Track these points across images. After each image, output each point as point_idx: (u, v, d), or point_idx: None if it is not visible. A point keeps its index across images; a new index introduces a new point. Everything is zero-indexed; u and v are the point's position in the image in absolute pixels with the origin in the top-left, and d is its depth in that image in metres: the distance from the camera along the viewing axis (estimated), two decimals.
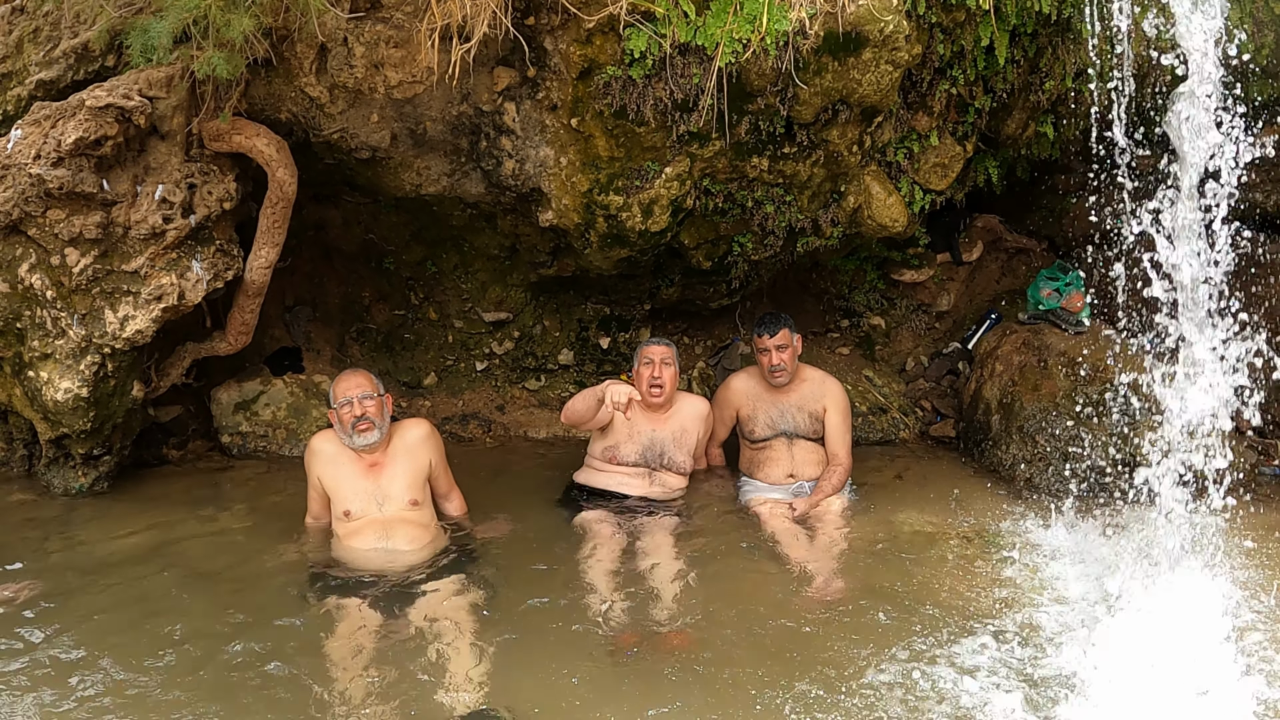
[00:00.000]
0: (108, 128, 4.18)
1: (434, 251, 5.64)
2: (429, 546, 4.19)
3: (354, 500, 4.19)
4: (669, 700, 3.25)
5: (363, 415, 4.18)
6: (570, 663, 3.47)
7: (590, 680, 3.37)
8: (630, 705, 3.22)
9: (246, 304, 4.90)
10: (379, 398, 4.26)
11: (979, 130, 5.19)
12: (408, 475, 4.27)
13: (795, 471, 4.94)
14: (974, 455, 5.44)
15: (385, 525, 4.16)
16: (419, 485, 4.30)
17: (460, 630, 3.64)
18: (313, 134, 4.71)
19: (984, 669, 3.46)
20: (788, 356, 4.91)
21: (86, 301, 4.38)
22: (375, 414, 4.20)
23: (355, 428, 4.17)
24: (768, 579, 4.17)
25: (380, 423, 4.22)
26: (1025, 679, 3.39)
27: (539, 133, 4.69)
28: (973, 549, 4.39)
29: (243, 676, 3.34)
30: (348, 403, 4.19)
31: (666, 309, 5.98)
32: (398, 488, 4.23)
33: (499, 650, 3.52)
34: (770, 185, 4.92)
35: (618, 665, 3.47)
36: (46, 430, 4.55)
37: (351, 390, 4.22)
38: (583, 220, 4.85)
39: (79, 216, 4.28)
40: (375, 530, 4.15)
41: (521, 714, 3.15)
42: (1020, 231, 6.24)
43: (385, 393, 4.34)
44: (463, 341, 5.90)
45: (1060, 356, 5.23)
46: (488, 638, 3.59)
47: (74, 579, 3.98)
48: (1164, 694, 3.21)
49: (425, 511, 4.30)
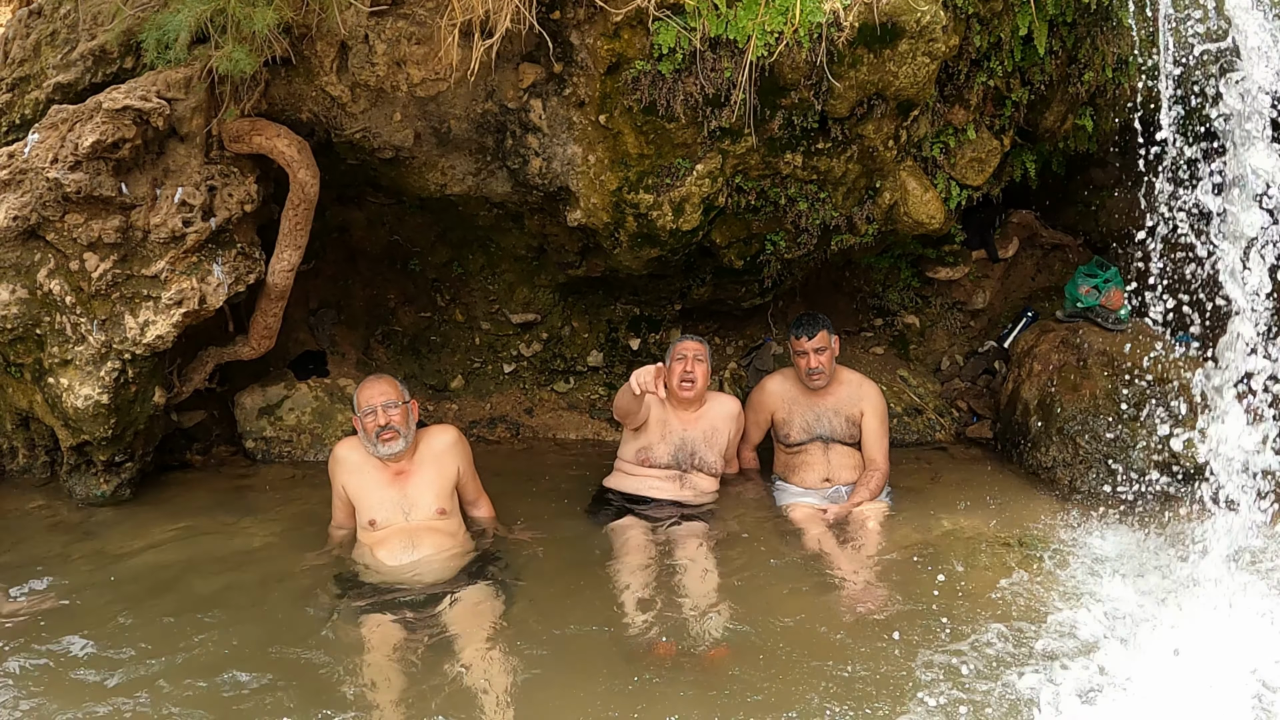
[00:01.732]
0: (125, 130, 4.11)
1: (460, 252, 5.55)
2: (456, 555, 4.08)
3: (379, 510, 4.09)
4: (704, 716, 3.13)
5: (387, 424, 4.06)
6: (600, 678, 3.36)
7: (620, 696, 3.26)
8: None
9: (269, 307, 4.83)
10: (404, 405, 4.14)
11: (1016, 124, 5.05)
12: (435, 484, 4.16)
13: (831, 476, 4.83)
14: (1012, 457, 5.29)
15: (411, 534, 4.05)
16: (446, 494, 4.19)
17: (489, 643, 3.53)
18: (334, 134, 4.63)
19: (1027, 679, 3.32)
20: (826, 359, 4.79)
21: (106, 307, 4.32)
22: (400, 422, 4.09)
23: (380, 437, 4.06)
24: (803, 588, 4.05)
25: (405, 431, 4.10)
26: (1069, 690, 3.25)
27: (566, 130, 4.59)
28: (1013, 555, 4.25)
29: (263, 689, 3.25)
30: (371, 411, 4.08)
31: (697, 309, 5.86)
32: (425, 497, 4.13)
33: (526, 664, 3.41)
34: (804, 182, 4.80)
35: (649, 681, 3.35)
36: (68, 437, 4.49)
37: (375, 398, 4.10)
38: (612, 219, 4.75)
39: (98, 221, 4.21)
40: (401, 539, 4.04)
41: None
42: (1056, 227, 6.10)
43: (411, 399, 4.23)
44: (490, 344, 5.81)
45: (1100, 355, 5.06)
46: (515, 650, 3.49)
47: (95, 587, 3.91)
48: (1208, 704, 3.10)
49: (453, 520, 4.19)
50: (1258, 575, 3.60)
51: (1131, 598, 3.86)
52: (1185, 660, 3.34)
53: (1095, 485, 4.80)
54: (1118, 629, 3.65)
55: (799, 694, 3.25)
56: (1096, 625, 3.68)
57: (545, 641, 3.56)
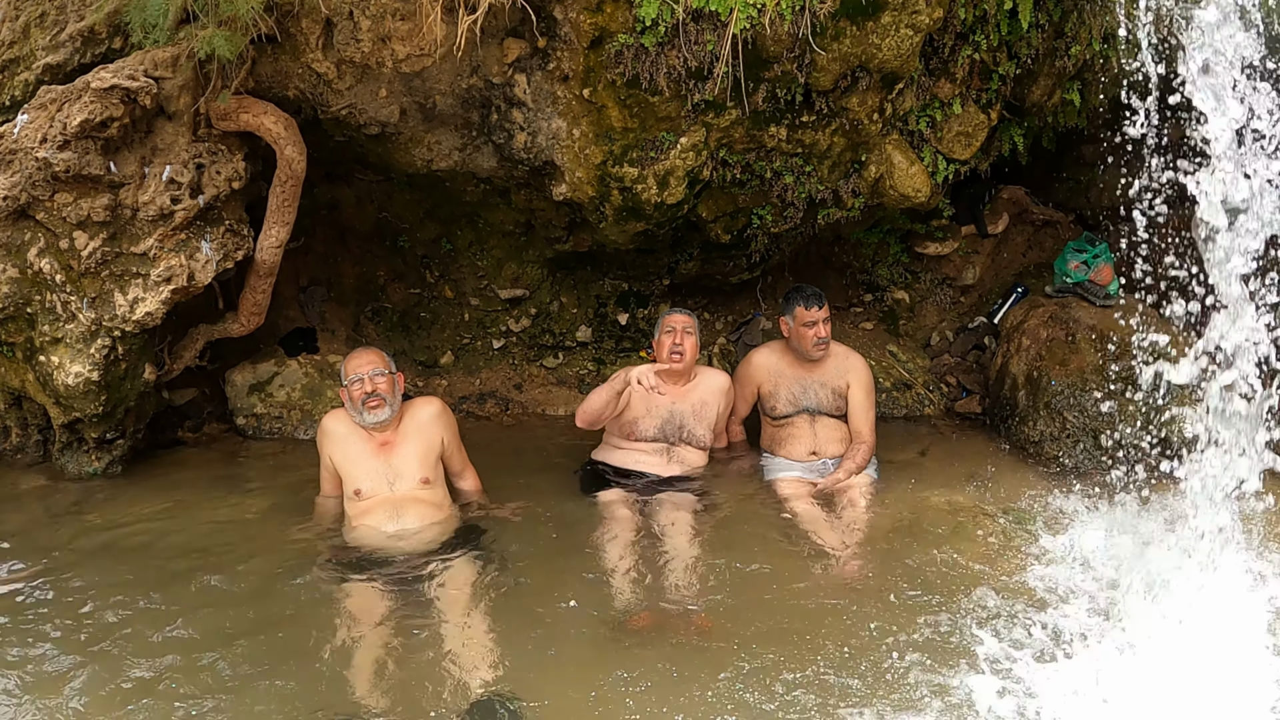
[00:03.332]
0: (113, 109, 4.13)
1: (448, 229, 5.57)
2: (441, 525, 4.14)
3: (365, 479, 4.14)
4: (684, 687, 3.17)
5: (373, 392, 4.12)
6: (583, 647, 3.40)
7: (602, 665, 3.30)
8: (644, 691, 3.15)
9: (258, 284, 4.86)
10: (390, 375, 4.21)
11: (1003, 98, 5.03)
12: (419, 454, 4.21)
13: (818, 449, 4.84)
14: (1001, 432, 5.30)
15: (396, 504, 4.11)
16: (431, 464, 4.24)
17: (471, 613, 3.59)
18: (321, 111, 4.64)
19: (1012, 651, 3.36)
20: (829, 330, 4.83)
21: (96, 285, 4.35)
22: (386, 390, 4.15)
23: (366, 404, 4.13)
24: (789, 560, 4.08)
25: (391, 400, 4.17)
26: (1054, 661, 3.30)
27: (550, 104, 4.60)
28: (1000, 528, 4.27)
29: (254, 661, 3.30)
30: (358, 379, 4.14)
31: (686, 284, 5.88)
32: (409, 467, 4.18)
33: (510, 633, 3.45)
34: (789, 155, 4.81)
35: (631, 649, 3.39)
36: (59, 415, 4.53)
37: (362, 367, 4.17)
38: (597, 193, 4.76)
39: (87, 199, 4.23)
40: (386, 510, 4.10)
41: (531, 700, 3.08)
42: (1046, 203, 6.09)
43: (397, 370, 4.28)
44: (479, 320, 5.83)
45: (1089, 330, 5.07)
46: (499, 620, 3.54)
47: (87, 563, 3.94)
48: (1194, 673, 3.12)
49: (437, 490, 4.25)
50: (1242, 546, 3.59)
51: (1117, 571, 3.88)
52: (1185, 628, 3.37)
53: (1083, 459, 4.82)
54: (1105, 601, 3.67)
55: (782, 665, 3.28)
56: (1085, 597, 3.71)
57: (528, 612, 3.60)
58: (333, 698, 3.10)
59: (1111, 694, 3.12)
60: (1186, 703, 3.04)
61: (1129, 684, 3.14)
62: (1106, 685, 3.14)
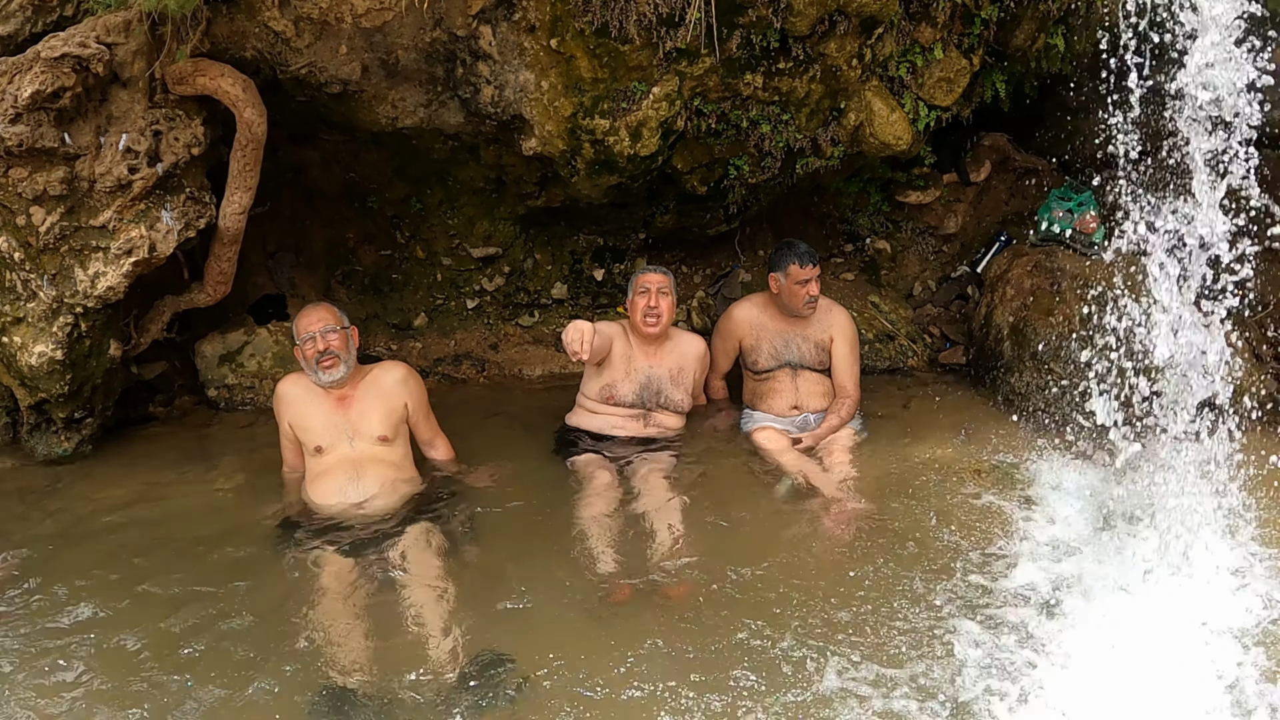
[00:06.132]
0: (65, 79, 3.96)
1: (417, 188, 5.42)
2: (402, 490, 4.07)
3: (324, 434, 4.07)
4: (660, 654, 3.15)
5: (326, 350, 4.02)
6: (556, 615, 3.36)
7: (577, 633, 3.27)
8: (620, 660, 3.12)
9: (223, 252, 4.72)
10: (342, 330, 4.11)
11: (986, 42, 4.92)
12: (378, 411, 4.12)
13: (800, 403, 4.78)
14: (986, 383, 5.24)
15: (355, 464, 4.03)
16: (391, 424, 4.14)
17: (441, 581, 3.54)
18: (280, 71, 4.48)
19: (995, 607, 3.37)
20: (819, 288, 4.76)
21: (55, 261, 4.21)
22: (340, 347, 4.06)
23: (320, 363, 4.03)
24: (770, 520, 4.05)
25: (346, 357, 4.08)
26: (1036, 616, 3.30)
27: (517, 56, 4.45)
28: (986, 483, 4.26)
29: (231, 636, 3.28)
30: (310, 338, 4.04)
31: (662, 238, 5.76)
32: (368, 421, 4.09)
33: (483, 603, 3.41)
34: (765, 104, 4.69)
35: (608, 618, 3.35)
36: (25, 396, 4.42)
37: (314, 324, 4.06)
38: (568, 147, 4.64)
39: (42, 173, 4.08)
40: (345, 470, 4.02)
41: (519, 665, 3.07)
42: (1029, 151, 5.98)
43: (350, 325, 4.18)
44: (452, 280, 5.71)
45: (1074, 280, 4.98)
46: (471, 589, 3.49)
47: (59, 546, 3.87)
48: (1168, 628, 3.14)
49: (397, 450, 4.15)
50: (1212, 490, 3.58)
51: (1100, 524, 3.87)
52: (1160, 582, 3.36)
53: (1067, 411, 4.75)
54: (1091, 555, 3.66)
55: (760, 628, 3.26)
56: (1071, 552, 3.70)
57: (500, 581, 3.55)
58: (315, 673, 3.07)
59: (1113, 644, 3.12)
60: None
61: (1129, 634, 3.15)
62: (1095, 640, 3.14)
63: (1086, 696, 2.91)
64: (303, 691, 3.00)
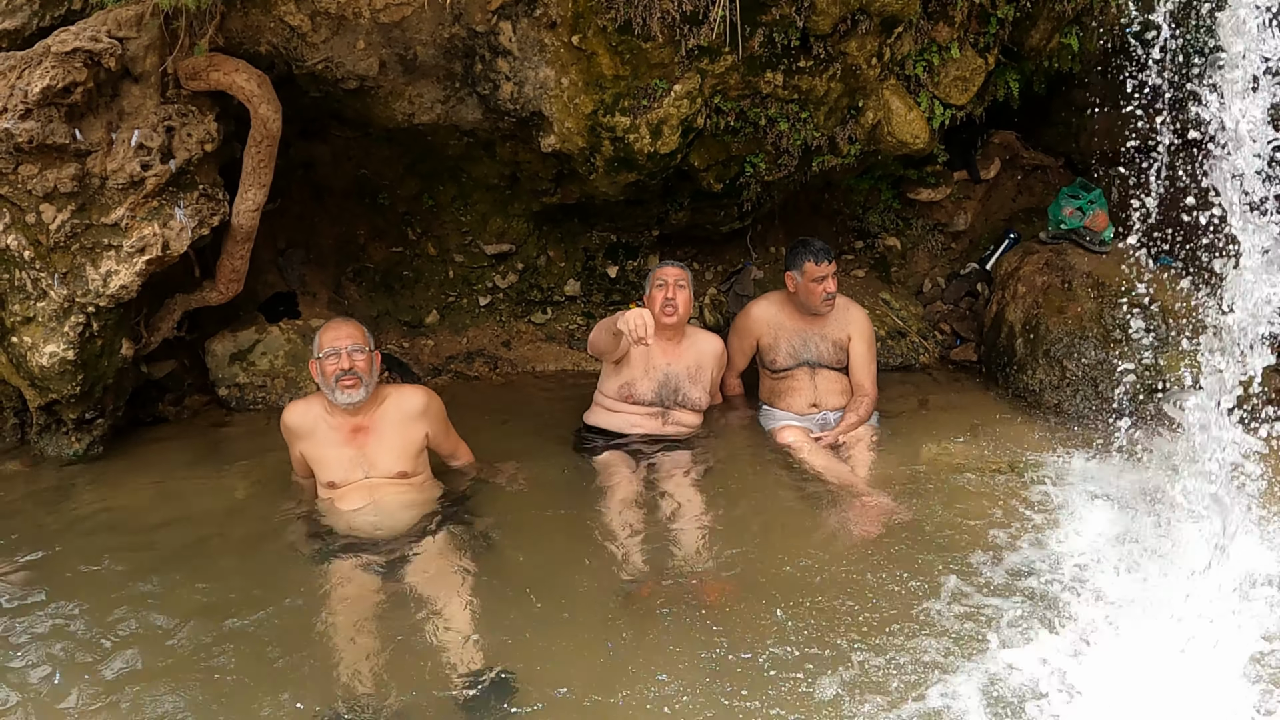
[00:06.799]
0: (76, 74, 3.87)
1: (430, 184, 5.35)
2: (420, 504, 3.91)
3: (337, 470, 3.87)
4: (683, 657, 3.11)
5: (350, 369, 3.79)
6: (580, 621, 3.31)
7: (601, 639, 3.22)
8: (656, 667, 3.07)
9: (235, 250, 4.64)
10: (369, 353, 3.88)
11: (1001, 42, 4.92)
12: (397, 447, 3.91)
13: (818, 401, 4.78)
14: (998, 380, 5.26)
15: (372, 489, 3.87)
16: (409, 457, 3.94)
17: (465, 589, 3.46)
18: (295, 66, 4.41)
19: (1025, 606, 3.36)
20: (836, 284, 4.75)
21: (66, 259, 4.12)
22: (364, 369, 3.82)
23: (340, 382, 3.79)
24: (794, 519, 4.04)
25: (368, 380, 3.84)
26: (1062, 616, 3.29)
27: (538, 53, 4.41)
28: (1004, 481, 4.27)
29: (243, 644, 3.20)
30: (335, 354, 3.81)
31: (675, 234, 5.73)
32: (385, 459, 3.89)
33: (502, 609, 3.36)
34: (785, 102, 4.67)
35: (639, 625, 3.30)
36: (35, 397, 4.32)
37: (341, 340, 3.84)
38: (587, 144, 4.60)
39: (52, 170, 3.99)
40: (362, 496, 3.85)
41: (527, 677, 3.01)
42: (1036, 148, 6.00)
43: (375, 349, 3.97)
44: (464, 276, 5.64)
45: (1085, 277, 5.02)
46: (495, 595, 3.43)
47: (70, 550, 3.79)
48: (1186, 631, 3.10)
49: (416, 478, 3.98)
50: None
51: (1121, 522, 3.89)
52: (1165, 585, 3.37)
53: (1083, 408, 4.79)
54: (1110, 555, 3.67)
55: (790, 633, 3.24)
56: (1089, 551, 3.70)
57: (522, 586, 3.49)
58: (330, 687, 3.00)
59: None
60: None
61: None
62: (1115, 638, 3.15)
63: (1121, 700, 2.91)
64: (311, 703, 2.93)
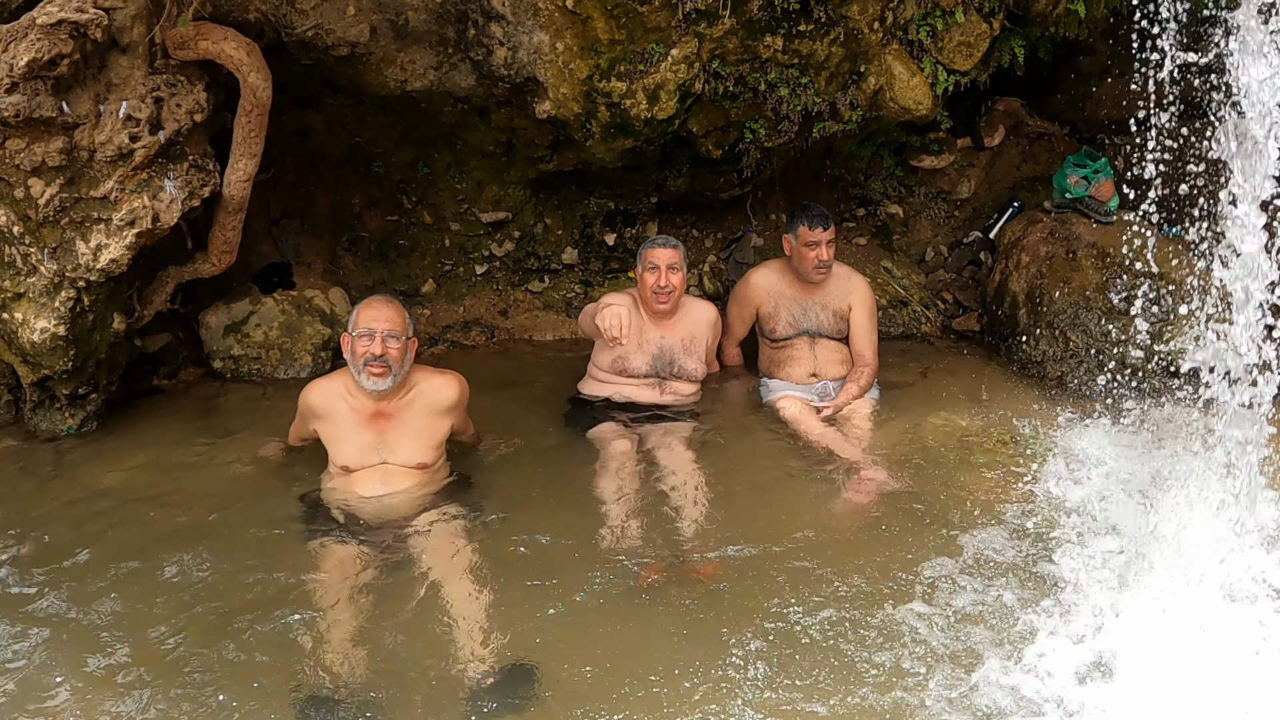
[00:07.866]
0: (62, 45, 3.79)
1: (425, 152, 5.28)
2: (430, 491, 3.83)
3: (353, 455, 3.76)
4: (689, 638, 3.10)
5: (381, 355, 3.62)
6: (590, 608, 3.28)
7: (606, 620, 3.21)
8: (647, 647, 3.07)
9: (227, 221, 4.59)
10: (405, 340, 3.70)
11: (1006, 7, 4.82)
12: (421, 438, 3.79)
13: (818, 371, 4.74)
14: (1001, 350, 5.21)
15: (385, 476, 3.77)
16: (431, 448, 3.83)
17: (465, 569, 3.41)
18: (285, 33, 4.33)
19: (1026, 581, 3.35)
20: (832, 252, 4.67)
21: (56, 234, 4.06)
22: (396, 358, 3.66)
23: (368, 366, 3.63)
24: (795, 491, 4.02)
25: (397, 370, 3.68)
26: (1064, 589, 3.29)
27: (532, 17, 4.32)
28: (1006, 453, 4.25)
29: (242, 627, 3.16)
30: (368, 334, 3.64)
31: (674, 201, 5.65)
32: (405, 449, 3.77)
33: (506, 589, 3.32)
34: (785, 67, 4.59)
35: (639, 602, 3.30)
36: (28, 373, 4.28)
37: (378, 322, 3.65)
38: (583, 110, 4.52)
39: (40, 144, 3.92)
40: (375, 479, 3.76)
41: (545, 665, 3.00)
42: (1041, 116, 5.91)
43: (412, 337, 3.79)
44: (460, 245, 5.58)
45: (1090, 248, 4.95)
46: (495, 573, 3.40)
47: (65, 526, 3.76)
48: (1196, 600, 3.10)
49: (433, 466, 3.89)
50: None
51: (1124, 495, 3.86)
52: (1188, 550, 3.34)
53: (1086, 379, 4.74)
54: (1112, 524, 3.64)
55: (788, 608, 3.23)
56: (1092, 524, 3.68)
57: (525, 570, 3.46)
58: (329, 674, 2.97)
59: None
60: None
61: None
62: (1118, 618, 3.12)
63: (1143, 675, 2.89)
64: (296, 691, 2.90)
